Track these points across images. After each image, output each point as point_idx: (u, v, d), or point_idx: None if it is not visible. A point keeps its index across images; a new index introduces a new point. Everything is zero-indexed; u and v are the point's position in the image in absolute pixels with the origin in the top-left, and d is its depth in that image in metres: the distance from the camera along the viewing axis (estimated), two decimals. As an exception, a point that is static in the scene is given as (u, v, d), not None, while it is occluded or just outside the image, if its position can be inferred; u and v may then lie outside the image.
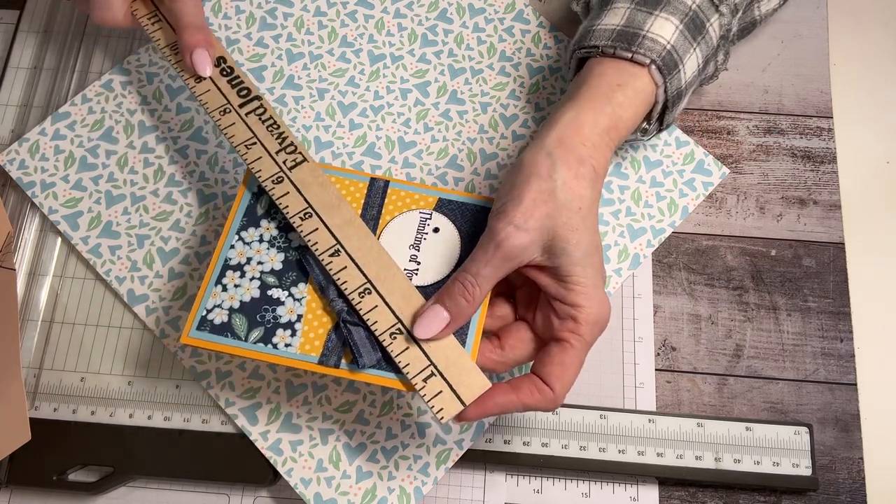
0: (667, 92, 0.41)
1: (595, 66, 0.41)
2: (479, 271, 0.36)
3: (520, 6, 0.53)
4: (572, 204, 0.36)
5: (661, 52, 0.40)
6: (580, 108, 0.39)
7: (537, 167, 0.37)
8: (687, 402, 0.45)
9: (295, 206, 0.40)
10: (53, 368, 0.46)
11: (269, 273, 0.39)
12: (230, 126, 0.42)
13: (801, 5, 0.54)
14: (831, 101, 0.52)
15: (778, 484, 0.43)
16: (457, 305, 0.36)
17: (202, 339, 0.38)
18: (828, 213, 0.49)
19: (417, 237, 0.40)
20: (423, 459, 0.43)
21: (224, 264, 0.40)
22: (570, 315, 0.36)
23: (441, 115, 0.51)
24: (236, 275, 0.39)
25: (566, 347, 0.36)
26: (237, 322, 0.38)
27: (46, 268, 0.48)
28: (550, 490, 0.44)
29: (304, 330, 0.38)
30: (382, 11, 0.53)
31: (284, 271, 0.40)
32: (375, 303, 0.37)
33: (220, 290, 0.39)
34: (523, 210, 0.36)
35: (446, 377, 0.36)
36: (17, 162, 0.50)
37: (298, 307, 0.39)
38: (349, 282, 0.38)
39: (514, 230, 0.36)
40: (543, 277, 0.37)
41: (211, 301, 0.39)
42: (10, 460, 0.44)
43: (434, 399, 0.35)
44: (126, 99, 0.51)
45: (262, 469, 0.43)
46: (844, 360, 0.46)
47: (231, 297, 0.39)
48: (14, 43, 0.54)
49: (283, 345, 0.38)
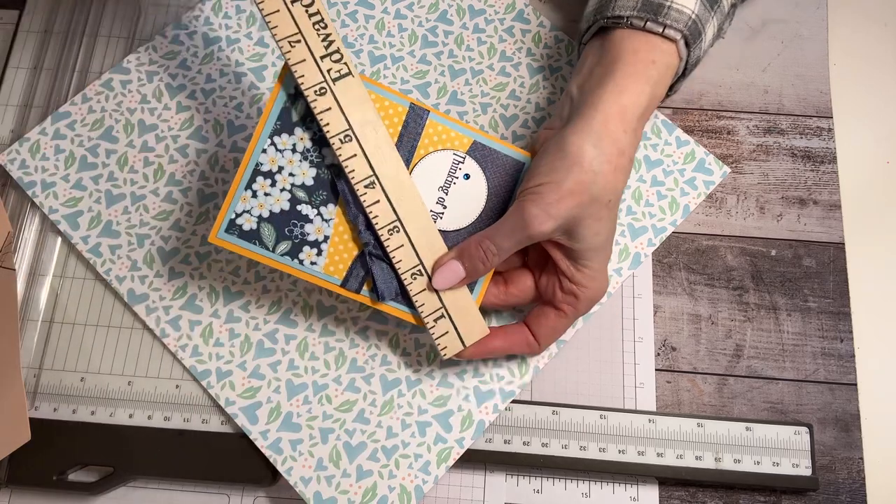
0: (687, 63, 0.41)
1: (625, 41, 0.40)
2: (502, 244, 0.38)
3: (520, 6, 0.53)
4: (604, 197, 0.38)
5: (686, 23, 0.40)
6: (621, 88, 0.39)
7: (582, 156, 0.37)
8: (687, 402, 0.45)
9: (336, 126, 0.38)
10: (53, 368, 0.46)
11: (300, 187, 0.39)
12: (273, 14, 0.38)
13: (801, 5, 0.54)
14: (831, 101, 0.52)
15: (778, 484, 0.43)
16: (474, 266, 0.39)
17: (230, 242, 0.39)
18: (828, 213, 0.49)
19: (448, 180, 0.41)
20: (423, 458, 0.43)
21: (255, 169, 0.39)
22: (573, 292, 0.40)
23: (441, 114, 0.51)
24: (267, 182, 0.39)
25: (561, 316, 0.41)
26: (265, 231, 0.39)
27: (46, 268, 0.48)
28: (550, 490, 0.44)
29: (330, 252, 0.39)
30: (383, 12, 0.53)
31: (315, 188, 0.39)
32: (402, 242, 0.39)
33: (251, 195, 0.39)
34: (559, 198, 0.37)
35: (453, 320, 0.40)
36: (18, 161, 0.50)
37: (326, 228, 0.39)
38: (381, 217, 0.39)
39: (545, 217, 0.37)
40: (558, 253, 0.40)
41: (241, 205, 0.39)
42: (9, 460, 0.44)
43: (441, 338, 0.40)
44: (126, 98, 0.51)
45: (261, 469, 0.43)
46: (844, 360, 0.46)
47: (261, 206, 0.39)
48: (14, 43, 0.54)
49: (308, 262, 0.39)
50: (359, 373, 0.45)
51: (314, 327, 0.46)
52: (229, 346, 0.46)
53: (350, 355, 0.45)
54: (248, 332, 0.46)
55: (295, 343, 0.46)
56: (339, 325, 0.46)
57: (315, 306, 0.46)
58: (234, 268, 0.47)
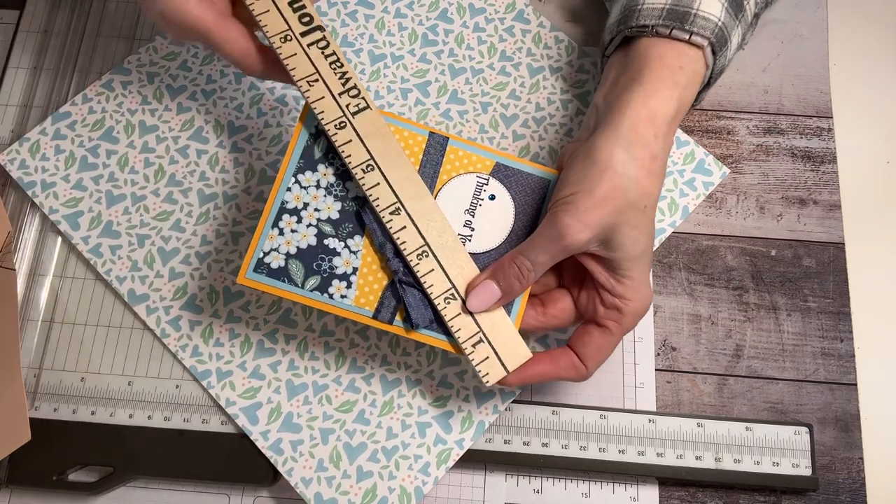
0: (712, 71, 0.41)
1: (651, 48, 0.40)
2: (537, 258, 0.37)
3: (520, 6, 0.53)
4: (640, 202, 0.36)
5: (713, 30, 0.39)
6: (649, 93, 0.38)
7: (612, 161, 0.36)
8: (687, 402, 0.45)
9: (358, 157, 0.39)
10: (53, 368, 0.46)
11: (326, 222, 0.39)
12: (291, 57, 0.39)
13: (801, 5, 0.54)
14: (831, 101, 0.52)
15: (778, 484, 0.43)
16: (509, 285, 0.37)
17: (259, 282, 0.38)
18: (828, 213, 0.49)
19: (473, 202, 0.40)
20: (423, 459, 0.43)
21: (281, 207, 0.39)
22: (616, 306, 0.38)
23: (441, 114, 0.51)
24: (293, 219, 0.39)
25: (606, 333, 0.38)
26: (294, 268, 0.38)
27: (46, 268, 0.48)
28: (550, 490, 0.44)
29: (360, 283, 0.39)
30: (383, 11, 0.53)
31: (341, 221, 0.39)
32: (432, 266, 0.38)
33: (277, 233, 0.39)
34: (593, 206, 0.36)
35: (493, 344, 0.38)
36: (18, 162, 0.50)
37: (354, 260, 0.39)
38: (408, 242, 0.38)
39: (581, 226, 0.36)
40: (595, 265, 0.38)
41: (268, 244, 0.38)
42: (9, 460, 0.44)
43: (481, 364, 0.38)
44: (126, 99, 0.51)
45: (262, 469, 0.43)
46: (844, 360, 0.46)
47: (288, 242, 0.39)
48: (14, 43, 0.54)
49: (338, 295, 0.38)
50: (359, 373, 0.45)
51: (314, 327, 0.46)
52: (229, 346, 0.46)
53: (350, 355, 0.45)
54: (248, 332, 0.46)
55: (295, 343, 0.46)
56: (339, 325, 0.46)
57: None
58: (235, 268, 0.47)
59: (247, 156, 0.50)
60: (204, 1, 0.39)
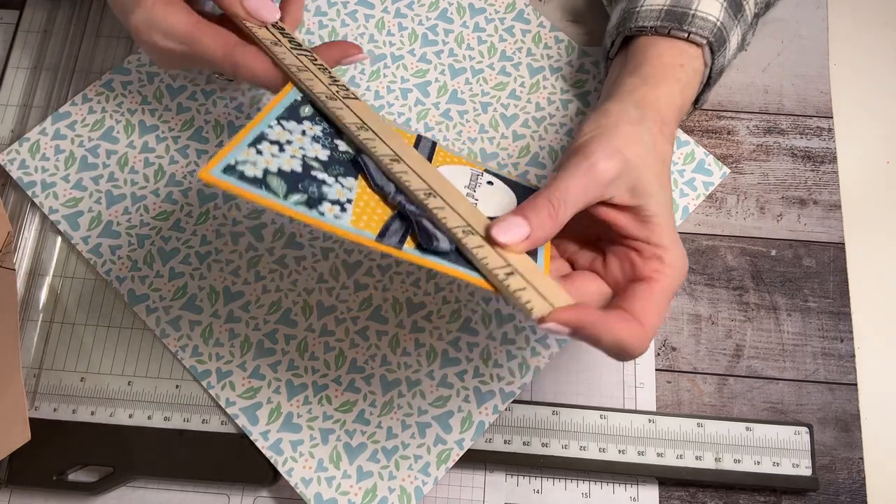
0: (711, 71, 0.41)
1: (650, 47, 0.40)
2: (568, 188, 0.32)
3: (520, 6, 0.53)
4: (658, 155, 0.35)
5: (712, 30, 0.40)
6: (650, 86, 0.37)
7: (627, 114, 0.35)
8: (687, 402, 0.45)
9: (350, 119, 0.35)
10: (53, 368, 0.46)
11: (314, 160, 0.33)
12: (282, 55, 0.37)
13: (801, 5, 0.54)
14: (831, 101, 0.52)
15: (778, 484, 0.43)
16: (539, 219, 0.32)
17: (227, 182, 0.29)
18: (828, 213, 0.49)
19: (472, 183, 0.37)
20: (423, 459, 0.43)
21: (260, 135, 0.32)
22: (656, 255, 0.33)
23: (441, 114, 0.51)
24: (274, 148, 0.32)
25: (653, 284, 0.33)
26: (274, 183, 0.30)
27: (46, 268, 0.48)
28: (550, 490, 0.44)
29: (356, 212, 0.32)
30: (383, 11, 0.53)
31: (331, 164, 0.33)
32: (442, 205, 0.33)
33: (254, 152, 0.31)
34: (619, 139, 0.34)
35: (529, 280, 0.31)
36: (18, 162, 0.50)
37: (348, 193, 0.32)
38: (412, 183, 0.33)
39: (611, 151, 0.33)
40: (623, 218, 0.34)
41: (242, 156, 0.31)
42: (9, 460, 0.44)
43: (519, 293, 0.30)
44: (126, 99, 0.51)
45: (262, 469, 0.43)
46: (844, 360, 0.46)
47: (267, 161, 0.31)
48: (14, 43, 0.54)
49: (331, 216, 0.31)
50: (359, 373, 0.45)
51: (314, 327, 0.46)
52: (229, 347, 0.46)
53: (350, 355, 0.45)
54: (248, 332, 0.46)
55: (295, 343, 0.46)
56: (339, 325, 0.46)
57: (315, 306, 0.46)
58: (235, 268, 0.47)
59: (247, 156, 0.50)
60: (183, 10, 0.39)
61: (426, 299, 0.46)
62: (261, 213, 0.48)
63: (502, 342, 0.45)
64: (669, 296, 0.33)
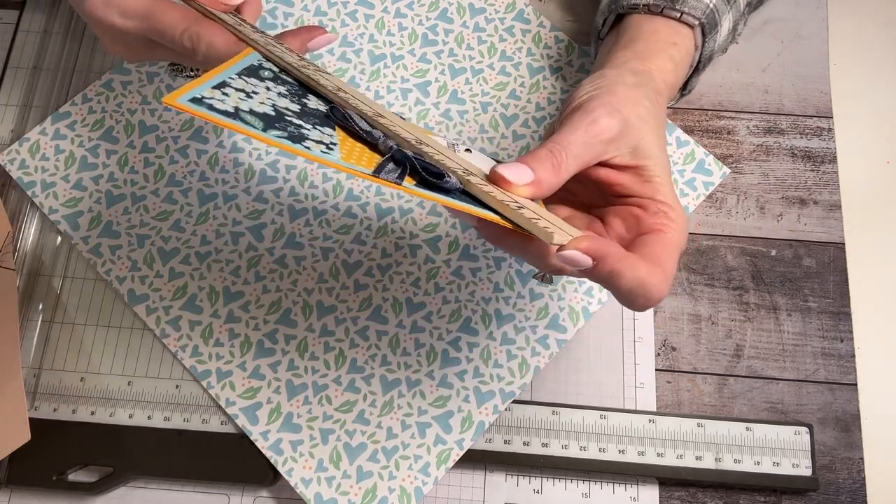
0: (701, 54, 0.41)
1: (645, 23, 0.40)
2: (571, 142, 0.32)
3: (520, 6, 0.53)
4: (657, 118, 0.35)
5: (704, 11, 0.40)
6: (643, 59, 0.38)
7: (624, 79, 0.35)
8: (687, 403, 0.45)
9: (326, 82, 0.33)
10: (53, 368, 0.46)
11: (285, 109, 0.30)
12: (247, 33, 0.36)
13: (801, 5, 0.54)
14: (831, 101, 0.52)
15: (778, 484, 0.43)
16: (543, 168, 0.31)
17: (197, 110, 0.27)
18: (828, 213, 0.49)
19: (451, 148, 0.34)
20: (423, 459, 0.43)
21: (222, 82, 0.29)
22: (661, 210, 0.33)
23: (441, 114, 0.51)
24: (240, 94, 0.29)
25: (663, 235, 0.32)
26: (249, 118, 0.28)
27: (46, 268, 0.48)
28: (550, 490, 0.44)
29: (345, 151, 0.29)
30: (383, 11, 0.53)
31: (304, 115, 0.30)
32: (436, 152, 0.31)
33: (220, 94, 0.28)
34: (618, 98, 0.34)
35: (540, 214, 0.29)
36: (18, 162, 0.49)
37: (330, 138, 0.30)
38: (401, 133, 0.31)
39: (611, 109, 0.33)
40: (625, 178, 0.34)
41: (208, 94, 0.28)
42: (9, 460, 0.44)
43: (536, 221, 0.28)
44: (126, 98, 0.51)
45: (262, 469, 0.43)
46: (844, 360, 0.46)
47: (236, 102, 0.28)
48: (14, 43, 0.54)
49: (318, 151, 0.28)
50: (359, 373, 0.45)
51: (314, 327, 0.46)
52: (229, 347, 0.46)
53: (350, 355, 0.45)
54: (248, 332, 0.46)
55: (295, 343, 0.46)
56: (339, 325, 0.46)
57: (315, 306, 0.46)
58: (235, 268, 0.47)
59: (247, 156, 0.50)
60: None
61: (426, 299, 0.46)
62: (261, 212, 0.48)
63: (502, 342, 0.45)
64: (679, 248, 0.32)
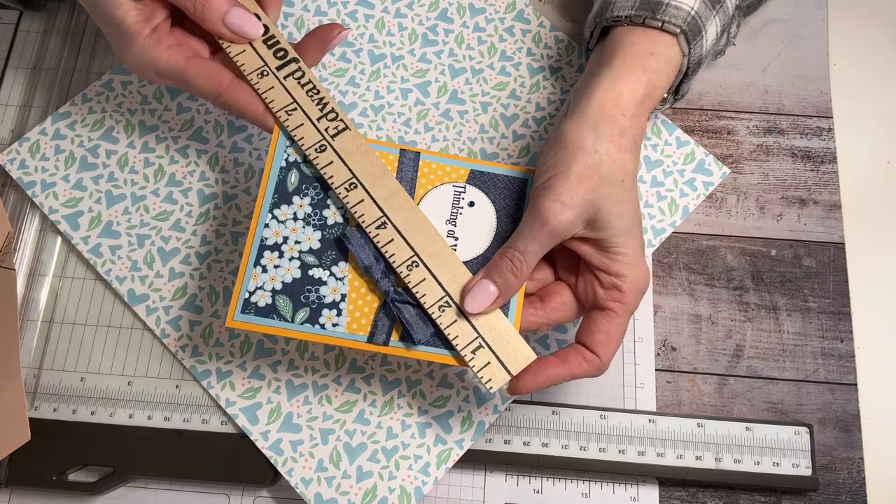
0: (689, 60, 0.41)
1: (625, 36, 0.41)
2: (527, 248, 0.37)
3: (520, 6, 0.53)
4: (616, 177, 0.37)
5: (685, 19, 0.40)
6: (616, 77, 0.39)
7: (582, 141, 0.37)
8: (687, 403, 0.45)
9: (340, 176, 0.39)
10: (53, 368, 0.46)
11: (308, 252, 0.39)
12: (269, 90, 0.40)
13: (801, 5, 0.54)
14: (831, 101, 0.52)
15: (778, 484, 0.43)
16: (505, 280, 0.37)
17: (248, 322, 0.38)
18: (828, 213, 0.49)
19: (453, 212, 0.40)
20: (423, 459, 0.43)
21: (261, 245, 0.39)
22: (615, 285, 0.37)
23: (441, 114, 0.51)
24: (274, 255, 0.39)
25: (611, 316, 0.38)
26: (281, 303, 0.38)
27: (46, 268, 0.48)
28: (550, 490, 0.44)
29: (350, 309, 0.38)
30: (383, 11, 0.53)
31: (323, 250, 0.39)
32: (423, 276, 0.38)
33: (260, 271, 0.39)
34: (570, 186, 0.36)
35: (494, 349, 0.37)
36: (18, 162, 0.49)
37: (341, 286, 0.39)
38: (397, 255, 0.38)
39: (561, 207, 0.36)
40: (586, 248, 0.38)
41: (252, 283, 0.38)
42: (9, 460, 0.44)
43: (482, 370, 0.37)
44: (126, 98, 0.51)
45: (262, 469, 0.43)
46: (844, 360, 0.46)
47: (272, 279, 0.38)
48: (14, 43, 0.54)
49: (330, 325, 0.38)
50: (359, 373, 0.45)
51: (314, 327, 0.46)
52: (229, 347, 0.46)
53: (350, 355, 0.45)
54: (248, 332, 0.46)
55: (295, 343, 0.46)
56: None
57: (315, 306, 0.47)
58: (234, 268, 0.47)
59: (247, 156, 0.50)
60: (174, 46, 0.40)
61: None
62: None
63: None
64: (627, 321, 0.38)
